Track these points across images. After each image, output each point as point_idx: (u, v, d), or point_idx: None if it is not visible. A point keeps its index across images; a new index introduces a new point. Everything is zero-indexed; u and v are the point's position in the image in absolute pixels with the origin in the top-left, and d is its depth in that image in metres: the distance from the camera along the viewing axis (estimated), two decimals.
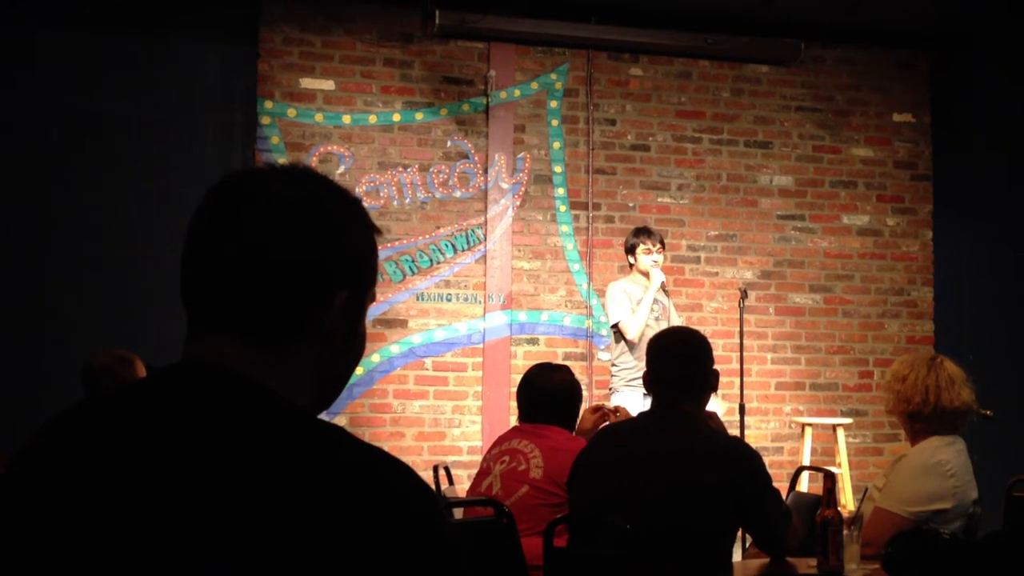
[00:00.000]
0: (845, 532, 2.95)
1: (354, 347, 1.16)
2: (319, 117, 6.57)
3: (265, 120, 6.49)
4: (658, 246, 6.00)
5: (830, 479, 3.00)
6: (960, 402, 3.29)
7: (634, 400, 5.75)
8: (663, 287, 6.00)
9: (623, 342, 5.92)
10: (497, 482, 3.64)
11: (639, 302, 5.89)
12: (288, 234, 1.08)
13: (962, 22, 7.06)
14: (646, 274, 5.96)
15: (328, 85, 6.61)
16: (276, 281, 1.07)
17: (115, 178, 6.24)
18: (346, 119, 6.62)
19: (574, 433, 3.86)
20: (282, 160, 6.45)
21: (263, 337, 1.08)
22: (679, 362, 3.18)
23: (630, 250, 6.05)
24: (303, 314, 1.09)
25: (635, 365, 5.75)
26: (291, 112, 6.53)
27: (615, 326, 5.95)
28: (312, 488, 0.97)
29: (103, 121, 6.24)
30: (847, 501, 6.20)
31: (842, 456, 6.52)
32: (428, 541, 1.00)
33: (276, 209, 1.09)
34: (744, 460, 3.06)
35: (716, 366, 3.25)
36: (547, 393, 3.84)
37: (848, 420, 6.81)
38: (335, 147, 6.59)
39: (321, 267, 1.09)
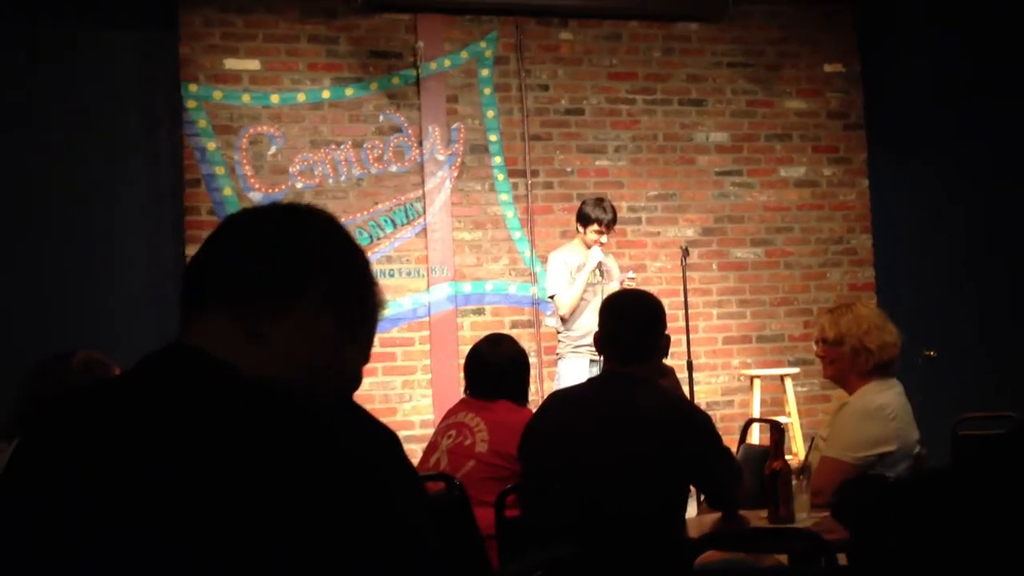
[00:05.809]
0: (794, 482, 2.96)
1: (351, 359, 1.31)
2: (246, 98, 6.45)
3: (191, 104, 6.35)
4: (609, 228, 5.92)
5: (777, 431, 3.01)
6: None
7: (580, 366, 5.76)
8: (600, 267, 5.92)
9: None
10: (444, 457, 3.61)
11: (580, 267, 5.88)
12: (268, 238, 1.25)
13: None
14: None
15: (253, 65, 6.48)
16: (254, 261, 1.22)
17: (39, 170, 6.07)
18: (274, 98, 6.50)
19: None
20: (211, 144, 6.34)
21: (241, 310, 1.20)
22: (629, 324, 3.18)
23: (582, 220, 5.97)
24: (280, 292, 1.21)
25: (583, 332, 5.75)
26: (217, 94, 6.39)
27: (552, 298, 5.96)
28: (257, 442, 1.06)
29: (24, 113, 6.06)
30: (798, 450, 6.27)
31: (791, 405, 6.59)
32: (366, 487, 1.06)
33: (260, 226, 1.28)
34: (692, 423, 3.05)
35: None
36: (495, 367, 3.82)
37: (795, 370, 6.87)
38: (265, 127, 6.48)
39: (295, 260, 1.23)
